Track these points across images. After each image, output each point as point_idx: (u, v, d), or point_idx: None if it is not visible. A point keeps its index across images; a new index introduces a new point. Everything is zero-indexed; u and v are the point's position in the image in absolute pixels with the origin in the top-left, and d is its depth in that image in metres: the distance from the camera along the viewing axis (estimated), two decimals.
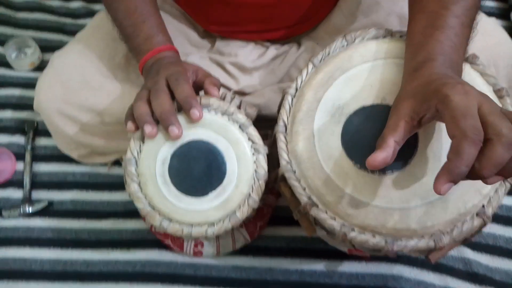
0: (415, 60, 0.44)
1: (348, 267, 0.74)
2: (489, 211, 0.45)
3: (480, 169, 0.34)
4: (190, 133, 0.49)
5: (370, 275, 0.73)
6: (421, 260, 0.74)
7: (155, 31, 0.57)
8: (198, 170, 0.49)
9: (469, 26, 0.45)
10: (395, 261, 0.74)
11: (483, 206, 0.45)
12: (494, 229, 0.78)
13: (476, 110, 0.35)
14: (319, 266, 0.75)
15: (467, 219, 0.45)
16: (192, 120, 0.48)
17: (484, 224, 0.46)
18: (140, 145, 0.50)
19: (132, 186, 0.50)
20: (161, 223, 0.49)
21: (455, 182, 0.35)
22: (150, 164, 0.49)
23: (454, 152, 0.34)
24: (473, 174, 0.35)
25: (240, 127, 0.50)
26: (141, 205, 0.50)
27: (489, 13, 0.98)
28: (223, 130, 0.50)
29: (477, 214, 0.45)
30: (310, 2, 0.63)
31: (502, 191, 0.45)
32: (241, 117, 0.50)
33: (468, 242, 0.50)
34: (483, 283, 0.73)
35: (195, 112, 0.48)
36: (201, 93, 0.53)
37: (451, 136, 0.35)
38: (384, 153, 0.38)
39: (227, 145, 0.49)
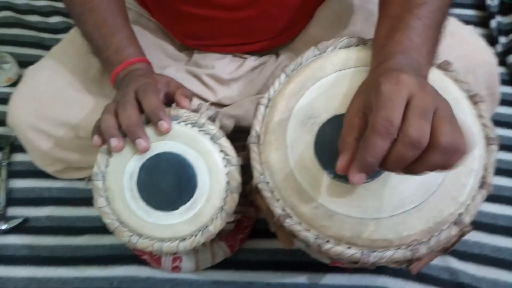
0: (376, 61, 0.44)
1: (331, 279, 0.72)
2: (467, 219, 0.44)
3: (384, 163, 0.34)
4: (159, 146, 0.48)
5: (354, 287, 0.72)
6: (405, 271, 0.72)
7: (126, 43, 0.56)
8: (167, 183, 0.48)
9: (434, 28, 0.45)
10: (379, 273, 0.72)
11: (460, 214, 0.44)
12: (480, 237, 0.77)
13: (402, 101, 0.33)
14: (301, 279, 0.73)
15: (444, 228, 0.44)
16: (160, 132, 0.47)
17: (463, 233, 0.45)
18: (107, 159, 0.49)
19: (99, 201, 0.48)
20: (130, 238, 0.48)
21: (366, 172, 0.34)
22: (117, 178, 0.48)
23: (364, 142, 0.34)
24: (381, 166, 0.34)
25: (211, 138, 0.49)
26: (109, 220, 0.48)
27: (468, 22, 0.98)
28: (193, 141, 0.48)
29: (455, 223, 0.44)
30: (286, 15, 0.63)
31: (479, 198, 0.44)
32: (212, 128, 0.49)
33: (449, 251, 0.49)
34: None
35: (163, 124, 0.47)
36: (174, 105, 0.52)
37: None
38: (348, 155, 0.37)
39: (197, 157, 0.48)
